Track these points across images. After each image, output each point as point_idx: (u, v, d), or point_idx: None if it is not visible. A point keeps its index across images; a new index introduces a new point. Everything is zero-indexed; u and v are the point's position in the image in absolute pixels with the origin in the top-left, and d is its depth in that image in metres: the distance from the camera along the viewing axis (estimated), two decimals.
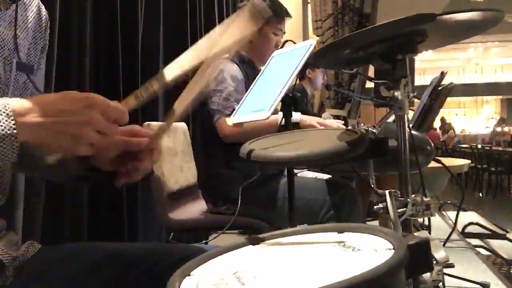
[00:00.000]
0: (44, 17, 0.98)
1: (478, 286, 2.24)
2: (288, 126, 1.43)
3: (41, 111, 0.62)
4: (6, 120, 0.60)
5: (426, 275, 0.80)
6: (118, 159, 0.76)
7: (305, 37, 5.58)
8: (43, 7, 0.98)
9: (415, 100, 1.79)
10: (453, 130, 14.71)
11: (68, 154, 0.83)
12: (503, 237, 3.61)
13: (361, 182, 2.23)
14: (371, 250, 0.57)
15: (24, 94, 0.90)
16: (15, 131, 0.60)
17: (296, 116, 1.80)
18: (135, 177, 0.78)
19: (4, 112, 0.60)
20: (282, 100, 1.39)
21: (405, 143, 0.98)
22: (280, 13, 2.05)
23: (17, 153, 0.61)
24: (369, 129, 1.25)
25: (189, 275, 0.58)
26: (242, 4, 2.11)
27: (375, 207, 0.97)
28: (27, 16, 0.92)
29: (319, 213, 1.78)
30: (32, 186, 1.61)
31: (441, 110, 3.39)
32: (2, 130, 0.59)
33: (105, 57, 2.06)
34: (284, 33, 2.10)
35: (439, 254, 0.80)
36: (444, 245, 0.95)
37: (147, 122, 1.90)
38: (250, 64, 2.01)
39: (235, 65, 1.94)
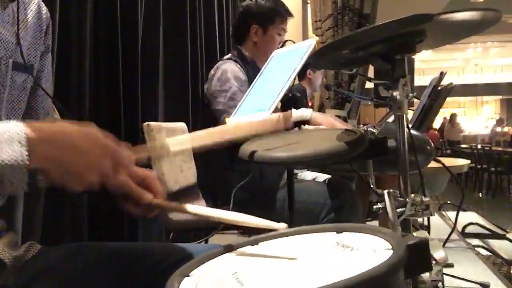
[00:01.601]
0: (45, 16, 0.97)
1: (478, 286, 2.24)
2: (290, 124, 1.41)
3: (55, 143, 0.62)
4: (19, 150, 0.59)
5: (426, 275, 0.80)
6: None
7: (305, 37, 5.58)
8: (43, 6, 0.97)
9: (415, 100, 1.79)
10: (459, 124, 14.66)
11: (61, 185, 0.83)
12: (503, 237, 3.61)
13: (361, 182, 2.23)
14: (370, 250, 0.57)
15: (22, 95, 0.90)
16: (28, 162, 0.59)
17: (307, 112, 1.63)
18: (133, 211, 0.76)
19: (18, 141, 0.60)
20: (282, 100, 1.38)
21: (404, 143, 0.98)
22: (284, 13, 2.05)
23: (27, 182, 0.61)
24: (369, 129, 1.25)
25: (188, 275, 0.58)
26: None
27: (374, 207, 0.97)
28: (27, 16, 0.92)
29: (319, 216, 1.77)
30: None
31: (441, 110, 3.38)
32: (15, 160, 0.59)
33: (105, 57, 2.06)
34: (286, 32, 2.10)
35: (438, 254, 0.80)
36: (444, 245, 0.95)
37: (147, 122, 1.90)
38: (252, 65, 2.00)
39: (238, 65, 1.93)
